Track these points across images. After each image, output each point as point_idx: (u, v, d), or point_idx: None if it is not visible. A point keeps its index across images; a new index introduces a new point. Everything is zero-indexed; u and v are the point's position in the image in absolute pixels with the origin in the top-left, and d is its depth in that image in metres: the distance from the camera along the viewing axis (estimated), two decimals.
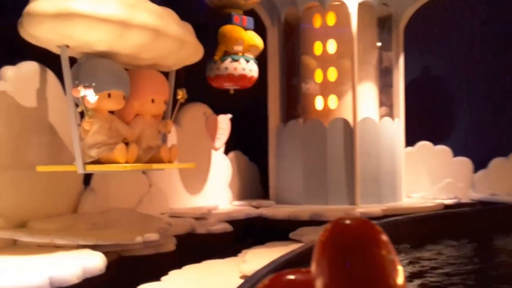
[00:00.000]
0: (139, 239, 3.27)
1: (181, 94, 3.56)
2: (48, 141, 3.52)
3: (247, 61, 4.87)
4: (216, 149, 5.53)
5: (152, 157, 3.40)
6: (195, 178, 5.30)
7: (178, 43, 3.27)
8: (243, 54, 4.91)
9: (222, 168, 5.68)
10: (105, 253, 3.22)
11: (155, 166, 3.34)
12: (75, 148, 3.00)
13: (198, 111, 5.34)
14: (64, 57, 2.98)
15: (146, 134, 3.44)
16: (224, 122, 5.55)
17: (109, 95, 3.10)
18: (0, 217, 3.18)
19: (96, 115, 3.07)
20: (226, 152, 5.77)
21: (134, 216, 4.04)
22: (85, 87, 2.88)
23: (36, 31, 2.89)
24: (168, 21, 3.18)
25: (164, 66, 3.58)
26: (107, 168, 3.06)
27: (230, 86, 4.97)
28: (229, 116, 5.60)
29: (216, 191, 5.55)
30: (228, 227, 4.79)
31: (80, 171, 3.01)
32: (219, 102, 5.42)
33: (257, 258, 3.31)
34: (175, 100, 3.61)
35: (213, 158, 5.54)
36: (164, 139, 3.62)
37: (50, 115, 3.58)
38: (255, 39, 5.10)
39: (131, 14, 2.95)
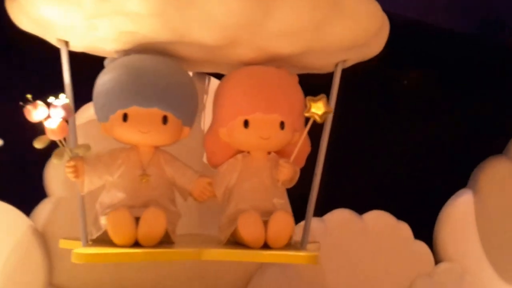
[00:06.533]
0: None
1: (315, 108, 1.74)
2: None
3: None
4: None
5: None
6: None
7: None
8: None
9: None
10: None
11: (206, 254, 1.66)
12: (79, 213, 1.75)
13: None
14: (64, 59, 1.79)
15: (244, 189, 1.81)
16: None
17: (124, 117, 1.70)
18: None
19: (117, 156, 1.74)
20: None
21: None
22: (49, 103, 1.62)
23: (18, 22, 1.82)
24: None
25: (298, 64, 1.87)
26: (97, 260, 1.61)
27: None
28: None
29: None
30: None
31: (76, 259, 1.59)
32: None
33: None
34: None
35: None
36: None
37: None
38: None
39: None
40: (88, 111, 2.32)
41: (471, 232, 2.83)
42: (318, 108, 1.74)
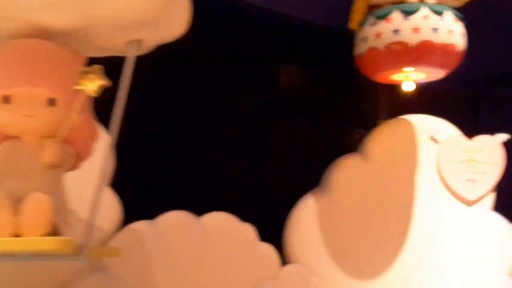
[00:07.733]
0: None
1: (87, 80, 1.56)
2: None
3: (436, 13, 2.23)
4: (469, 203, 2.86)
5: None
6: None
7: None
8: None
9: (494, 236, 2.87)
10: None
11: None
12: None
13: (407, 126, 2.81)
14: None
15: (7, 178, 1.58)
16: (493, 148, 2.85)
17: None
18: None
19: None
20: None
21: None
22: None
23: None
24: None
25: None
26: None
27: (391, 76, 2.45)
28: (503, 137, 2.87)
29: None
30: None
31: None
32: None
33: None
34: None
35: (462, 218, 2.85)
36: None
37: None
38: None
39: None
40: None
41: (321, 233, 2.72)
42: (91, 80, 1.55)
